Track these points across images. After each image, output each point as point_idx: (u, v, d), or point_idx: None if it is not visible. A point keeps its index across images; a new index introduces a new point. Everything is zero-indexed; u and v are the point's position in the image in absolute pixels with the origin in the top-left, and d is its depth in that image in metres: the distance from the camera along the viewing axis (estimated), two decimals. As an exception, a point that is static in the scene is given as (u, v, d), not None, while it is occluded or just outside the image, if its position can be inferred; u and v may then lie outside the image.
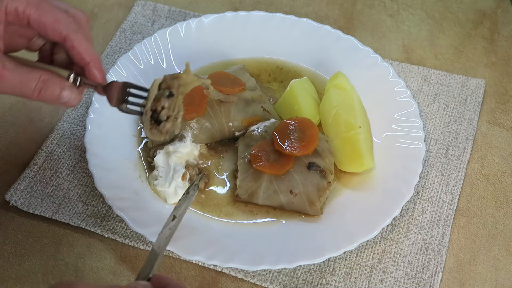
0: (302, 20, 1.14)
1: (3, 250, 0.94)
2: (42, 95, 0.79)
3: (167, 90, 0.83)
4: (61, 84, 0.80)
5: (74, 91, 0.81)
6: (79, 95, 0.82)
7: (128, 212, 0.91)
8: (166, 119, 0.83)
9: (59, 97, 0.80)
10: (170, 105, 0.83)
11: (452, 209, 0.97)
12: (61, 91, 0.80)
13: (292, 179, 0.94)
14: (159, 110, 0.83)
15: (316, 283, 0.90)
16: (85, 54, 0.81)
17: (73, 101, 0.81)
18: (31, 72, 0.79)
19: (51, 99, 0.80)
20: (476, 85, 1.11)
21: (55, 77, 0.80)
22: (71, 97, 0.81)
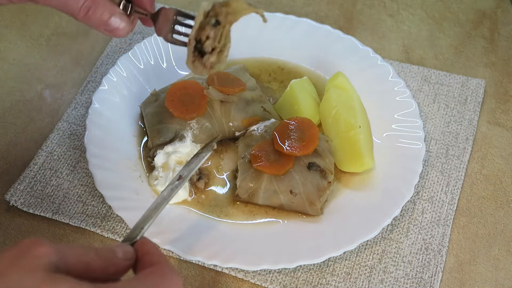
0: (302, 20, 1.14)
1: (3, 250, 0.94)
2: (89, 16, 0.75)
3: (213, 18, 0.76)
4: (112, 9, 0.76)
5: (124, 19, 0.77)
6: (129, 25, 0.78)
7: (128, 212, 0.91)
8: (210, 51, 0.77)
9: (107, 22, 0.76)
10: (215, 35, 0.76)
11: (452, 209, 0.97)
12: (111, 16, 0.76)
13: (292, 179, 0.94)
14: (203, 40, 0.76)
15: (316, 283, 0.90)
16: None
17: (121, 30, 0.77)
18: None
19: (99, 23, 0.76)
20: (476, 85, 1.11)
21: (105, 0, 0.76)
22: (121, 25, 0.77)
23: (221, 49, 0.77)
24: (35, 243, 0.58)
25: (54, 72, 1.15)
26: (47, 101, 1.11)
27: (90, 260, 0.60)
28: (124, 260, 0.63)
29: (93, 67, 1.15)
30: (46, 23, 1.22)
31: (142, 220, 0.73)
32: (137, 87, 1.07)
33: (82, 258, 0.59)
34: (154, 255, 0.64)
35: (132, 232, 0.71)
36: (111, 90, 1.05)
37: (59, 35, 1.20)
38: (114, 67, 1.07)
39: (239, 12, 0.76)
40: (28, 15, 1.23)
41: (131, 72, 1.08)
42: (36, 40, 1.19)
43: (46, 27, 1.21)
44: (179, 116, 0.99)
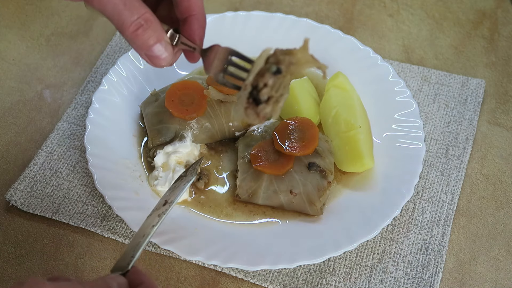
0: (302, 20, 1.14)
1: (3, 250, 0.94)
2: (138, 34, 0.70)
3: (274, 66, 0.71)
4: (160, 34, 0.72)
5: (169, 48, 0.73)
6: (172, 56, 0.74)
7: (128, 212, 0.91)
8: (266, 100, 0.71)
9: (151, 48, 0.72)
10: (274, 83, 0.70)
11: (452, 209, 0.97)
12: (157, 42, 0.72)
13: (292, 179, 0.94)
14: (260, 87, 0.70)
15: (316, 283, 0.90)
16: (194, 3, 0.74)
17: (162, 60, 0.73)
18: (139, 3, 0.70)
19: (143, 46, 0.72)
20: (476, 85, 1.11)
21: (158, 23, 0.72)
22: (163, 55, 0.73)
23: (277, 99, 0.72)
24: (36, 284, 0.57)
25: (54, 72, 1.15)
26: (47, 101, 1.11)
27: None
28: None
29: (93, 67, 1.15)
30: (46, 23, 1.22)
31: (131, 248, 0.71)
32: (137, 87, 1.07)
33: None
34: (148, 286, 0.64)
35: (123, 260, 0.69)
36: (111, 90, 1.05)
37: (59, 35, 1.20)
38: (114, 67, 1.07)
39: (302, 64, 0.71)
40: (28, 15, 1.23)
41: (131, 72, 1.07)
42: (36, 40, 1.19)
43: (46, 27, 1.21)
44: (179, 116, 0.98)
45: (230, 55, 0.75)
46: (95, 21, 1.22)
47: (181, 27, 0.75)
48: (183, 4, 0.74)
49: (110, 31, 1.20)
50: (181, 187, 0.81)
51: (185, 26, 0.75)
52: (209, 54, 0.75)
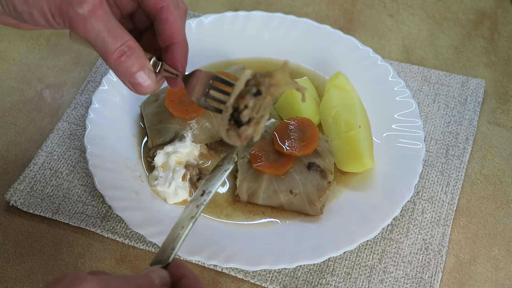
0: (302, 20, 1.14)
1: (3, 250, 0.94)
2: (121, 61, 0.71)
3: (255, 88, 0.72)
4: (143, 62, 0.73)
5: (152, 76, 0.74)
6: (154, 83, 0.75)
7: (128, 212, 0.91)
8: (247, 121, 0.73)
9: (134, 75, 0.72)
10: (255, 104, 0.72)
11: (452, 209, 0.97)
12: (139, 69, 0.73)
13: (292, 179, 0.94)
14: (241, 108, 0.72)
15: (316, 283, 0.90)
16: (176, 31, 0.75)
17: (145, 88, 0.74)
18: (122, 30, 0.71)
19: (126, 73, 0.72)
20: (476, 85, 1.11)
21: (141, 50, 0.73)
22: (147, 82, 0.73)
23: (258, 120, 0.73)
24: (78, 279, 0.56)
25: (54, 72, 1.15)
26: (47, 101, 1.11)
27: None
28: (161, 286, 0.62)
29: (93, 67, 1.15)
30: (46, 23, 1.22)
31: (170, 241, 0.70)
32: (137, 87, 1.07)
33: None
34: (191, 280, 0.63)
35: (162, 253, 0.68)
36: (111, 90, 1.05)
37: (59, 35, 1.20)
38: (114, 67, 1.06)
39: (282, 85, 0.72)
40: (28, 15, 1.23)
41: (131, 72, 1.07)
42: (36, 40, 1.19)
43: (46, 27, 1.21)
44: (179, 116, 0.98)
45: (211, 79, 0.76)
46: (95, 21, 1.22)
47: (164, 55, 0.77)
48: (165, 33, 0.76)
49: (110, 31, 1.20)
50: (219, 176, 0.80)
51: (168, 54, 0.76)
52: (191, 80, 0.77)
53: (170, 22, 0.75)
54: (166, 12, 0.75)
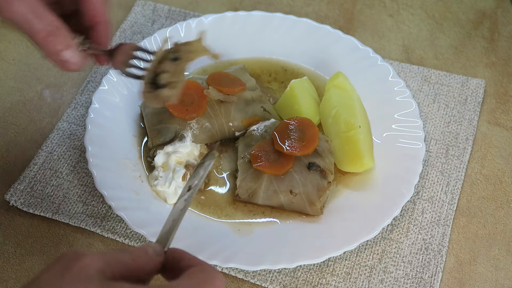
0: (302, 20, 1.14)
1: (3, 250, 0.94)
2: (48, 40, 0.74)
3: (173, 54, 0.79)
4: (69, 40, 0.76)
5: (78, 54, 0.78)
6: (81, 60, 0.78)
7: (128, 212, 0.91)
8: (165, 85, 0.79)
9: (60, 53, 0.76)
10: (173, 69, 0.79)
11: (452, 209, 0.97)
12: (67, 46, 0.76)
13: (292, 179, 0.94)
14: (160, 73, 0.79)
15: (316, 283, 0.90)
16: (98, 12, 0.80)
17: (73, 64, 0.77)
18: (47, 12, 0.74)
19: (52, 51, 0.76)
20: (476, 85, 1.11)
21: (66, 30, 0.76)
22: (73, 59, 0.77)
23: (175, 84, 0.80)
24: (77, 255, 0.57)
25: (54, 72, 1.15)
26: (47, 101, 1.11)
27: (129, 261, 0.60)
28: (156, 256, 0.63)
29: (93, 67, 1.14)
30: (46, 23, 1.22)
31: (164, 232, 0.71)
32: (137, 87, 1.07)
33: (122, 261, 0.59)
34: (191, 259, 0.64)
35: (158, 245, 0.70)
36: (111, 90, 1.05)
37: (59, 35, 1.20)
38: (114, 67, 1.07)
39: (198, 52, 0.81)
40: (28, 15, 1.23)
41: (131, 72, 1.07)
42: (36, 40, 1.19)
43: (46, 27, 1.21)
44: (179, 116, 0.98)
45: (134, 50, 0.82)
46: (95, 21, 1.22)
47: (90, 34, 0.81)
48: (88, 13, 0.80)
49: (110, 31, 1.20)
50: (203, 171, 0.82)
51: (93, 33, 0.81)
52: (115, 53, 0.81)
53: (93, 2, 0.79)
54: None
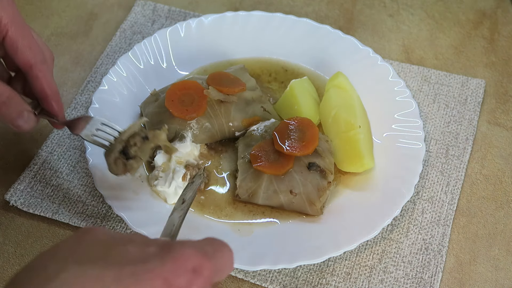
0: (302, 20, 1.14)
1: (3, 250, 0.94)
2: (4, 110, 0.81)
3: (143, 133, 0.88)
4: (23, 106, 0.82)
5: (31, 118, 0.84)
6: (34, 123, 0.85)
7: (128, 212, 0.91)
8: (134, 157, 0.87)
9: (16, 118, 0.82)
10: (142, 146, 0.88)
11: (452, 209, 0.97)
12: (19, 114, 0.82)
13: (292, 179, 0.94)
14: (131, 144, 0.87)
15: (316, 283, 0.90)
16: (47, 86, 0.85)
17: (27, 127, 0.84)
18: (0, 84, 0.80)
19: (6, 119, 0.82)
20: (476, 85, 1.11)
21: (18, 98, 0.82)
22: (26, 124, 0.83)
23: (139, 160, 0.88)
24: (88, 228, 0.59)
25: (54, 72, 1.13)
26: (47, 101, 1.11)
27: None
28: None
29: (93, 67, 1.15)
30: (46, 23, 1.22)
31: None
32: (137, 87, 1.07)
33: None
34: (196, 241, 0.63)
35: None
36: (111, 90, 1.05)
37: (59, 35, 1.20)
38: (114, 67, 1.07)
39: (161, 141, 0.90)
40: (28, 15, 1.23)
41: (131, 72, 1.08)
42: (36, 40, 1.19)
43: (46, 27, 1.21)
44: (179, 116, 0.98)
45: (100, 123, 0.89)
46: (95, 21, 1.22)
47: (41, 103, 0.87)
48: (37, 88, 0.85)
49: (110, 31, 1.21)
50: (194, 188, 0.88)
51: (45, 103, 0.86)
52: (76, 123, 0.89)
53: (40, 78, 0.84)
54: (35, 69, 0.83)
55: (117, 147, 0.87)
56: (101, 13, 1.24)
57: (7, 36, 0.81)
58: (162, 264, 0.52)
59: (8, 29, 0.81)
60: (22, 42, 0.82)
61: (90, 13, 1.23)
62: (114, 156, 0.87)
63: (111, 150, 0.88)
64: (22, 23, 0.82)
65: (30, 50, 0.83)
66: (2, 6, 0.80)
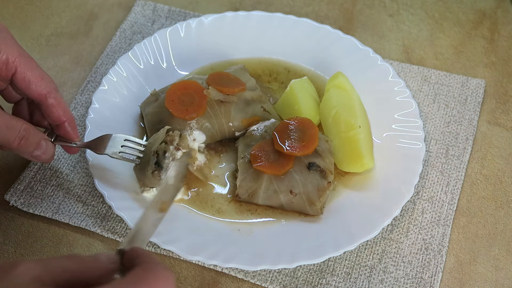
0: (302, 20, 1.14)
1: (3, 250, 0.94)
2: (23, 144, 0.83)
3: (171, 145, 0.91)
4: (39, 139, 0.85)
5: (50, 145, 0.86)
6: (52, 151, 0.87)
7: (128, 212, 0.91)
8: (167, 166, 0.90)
9: (34, 152, 0.84)
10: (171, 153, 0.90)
11: (452, 209, 0.97)
12: (37, 146, 0.85)
13: (292, 179, 0.94)
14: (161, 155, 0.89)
15: (316, 283, 0.90)
16: (63, 112, 0.87)
17: (47, 155, 0.86)
18: (15, 119, 0.82)
19: (26, 152, 0.84)
20: (476, 85, 1.11)
21: (35, 130, 0.84)
22: (44, 154, 0.86)
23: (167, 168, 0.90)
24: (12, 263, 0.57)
25: (54, 72, 1.15)
26: (47, 101, 1.11)
27: (75, 268, 0.59)
28: (108, 263, 0.62)
29: (93, 67, 1.15)
30: (46, 23, 1.22)
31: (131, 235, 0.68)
32: (137, 87, 1.07)
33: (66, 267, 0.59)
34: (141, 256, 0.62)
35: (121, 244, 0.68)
36: (111, 90, 1.05)
37: (59, 35, 1.20)
38: (114, 67, 1.07)
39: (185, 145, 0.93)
40: (28, 15, 1.23)
41: (131, 72, 1.08)
42: (36, 40, 1.19)
43: (46, 27, 1.21)
44: (179, 116, 0.98)
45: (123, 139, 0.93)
46: (95, 21, 1.22)
47: (57, 130, 0.89)
48: (54, 115, 0.87)
49: (110, 31, 1.20)
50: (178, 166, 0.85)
51: (60, 130, 0.89)
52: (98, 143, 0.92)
53: (55, 106, 0.86)
54: (50, 98, 0.86)
55: (152, 159, 0.90)
56: (101, 13, 1.24)
57: (16, 72, 0.84)
58: None
59: (17, 66, 0.84)
60: (32, 74, 0.85)
61: (90, 13, 1.23)
62: (152, 169, 0.90)
63: (145, 163, 0.90)
64: (28, 57, 0.85)
65: (43, 81, 0.85)
66: (7, 44, 0.83)
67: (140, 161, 0.93)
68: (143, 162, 0.92)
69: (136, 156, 0.93)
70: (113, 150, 0.92)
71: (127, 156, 0.92)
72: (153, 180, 0.91)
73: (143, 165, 0.91)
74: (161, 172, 0.90)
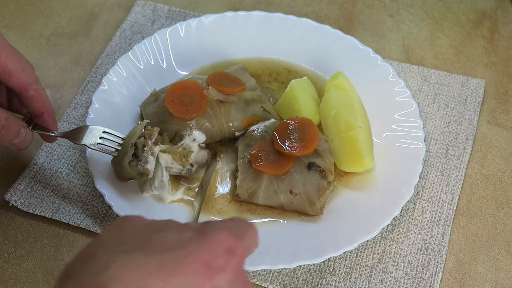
0: (302, 20, 1.14)
1: (3, 250, 0.94)
2: (4, 133, 0.84)
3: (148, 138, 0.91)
4: (17, 127, 0.86)
5: (29, 132, 0.88)
6: (30, 139, 0.88)
7: (128, 211, 0.91)
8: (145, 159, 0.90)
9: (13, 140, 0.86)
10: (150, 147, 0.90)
11: (452, 209, 0.97)
12: (16, 135, 0.85)
13: (292, 179, 0.94)
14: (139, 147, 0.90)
15: (316, 283, 0.90)
16: (43, 103, 0.88)
17: (25, 142, 0.87)
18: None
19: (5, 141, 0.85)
20: (476, 85, 1.11)
21: (13, 116, 0.85)
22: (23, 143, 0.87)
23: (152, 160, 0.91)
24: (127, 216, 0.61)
25: (54, 72, 1.15)
26: (47, 101, 1.11)
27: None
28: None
29: (93, 67, 1.15)
30: (46, 23, 1.22)
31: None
32: (137, 87, 1.07)
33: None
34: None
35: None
36: (111, 90, 1.05)
37: (59, 35, 1.20)
38: (114, 67, 1.07)
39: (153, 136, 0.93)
40: (28, 15, 1.23)
41: (131, 72, 1.08)
42: (36, 40, 1.19)
43: (46, 27, 1.21)
44: (179, 116, 0.98)
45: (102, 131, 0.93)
46: (95, 21, 1.22)
47: (36, 119, 0.90)
48: (34, 106, 0.88)
49: (110, 31, 1.20)
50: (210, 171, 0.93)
51: (39, 120, 0.90)
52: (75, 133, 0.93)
53: (36, 97, 0.87)
54: (30, 90, 0.86)
55: (129, 151, 0.89)
56: (101, 13, 1.24)
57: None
58: (199, 248, 0.55)
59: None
60: (14, 66, 0.85)
61: (90, 13, 1.23)
62: (129, 159, 0.89)
63: (122, 155, 0.90)
64: (10, 49, 0.86)
65: (23, 73, 0.86)
66: None
67: (118, 153, 0.92)
68: (120, 154, 0.92)
69: (114, 149, 0.93)
70: (90, 141, 0.92)
71: (106, 148, 0.92)
72: (129, 170, 0.90)
73: (121, 157, 0.91)
74: (139, 163, 0.90)
